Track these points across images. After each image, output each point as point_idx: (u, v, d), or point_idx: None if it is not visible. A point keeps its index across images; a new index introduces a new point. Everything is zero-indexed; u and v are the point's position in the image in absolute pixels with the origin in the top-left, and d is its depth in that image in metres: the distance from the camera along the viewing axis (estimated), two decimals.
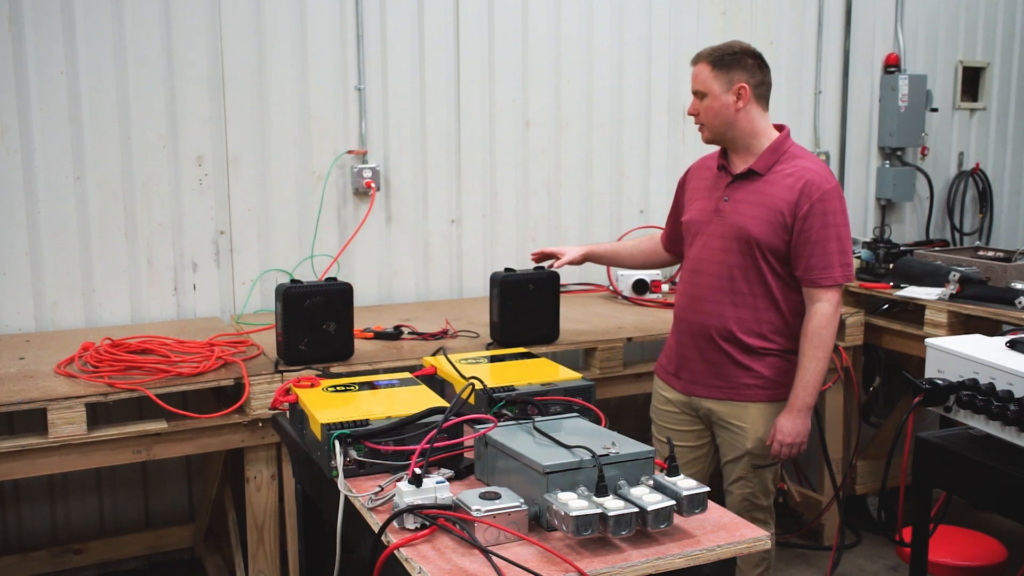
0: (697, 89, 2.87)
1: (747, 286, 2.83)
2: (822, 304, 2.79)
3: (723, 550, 1.72)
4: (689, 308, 2.95)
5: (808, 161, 2.85)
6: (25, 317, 3.54)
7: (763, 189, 2.82)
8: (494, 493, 1.74)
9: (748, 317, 2.84)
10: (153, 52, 3.62)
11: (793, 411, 2.83)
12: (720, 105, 2.82)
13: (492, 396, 2.19)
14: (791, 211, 2.76)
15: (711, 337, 2.89)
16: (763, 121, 2.87)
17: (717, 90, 2.82)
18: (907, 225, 5.50)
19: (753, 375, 2.87)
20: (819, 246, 2.75)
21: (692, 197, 3.03)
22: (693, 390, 2.96)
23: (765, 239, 2.79)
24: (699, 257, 2.92)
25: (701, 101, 2.87)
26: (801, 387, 2.82)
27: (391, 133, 4.07)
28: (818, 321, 2.79)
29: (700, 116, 2.89)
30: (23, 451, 2.68)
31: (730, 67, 2.81)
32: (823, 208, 2.75)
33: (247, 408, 2.93)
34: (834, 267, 2.77)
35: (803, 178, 2.78)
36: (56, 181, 3.53)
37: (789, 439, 2.83)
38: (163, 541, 3.83)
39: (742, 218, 2.82)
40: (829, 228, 2.76)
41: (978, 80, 5.63)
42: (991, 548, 3.31)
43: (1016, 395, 2.16)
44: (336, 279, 3.13)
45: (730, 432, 2.93)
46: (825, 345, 2.80)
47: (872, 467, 4.33)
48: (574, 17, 4.40)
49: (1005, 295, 3.61)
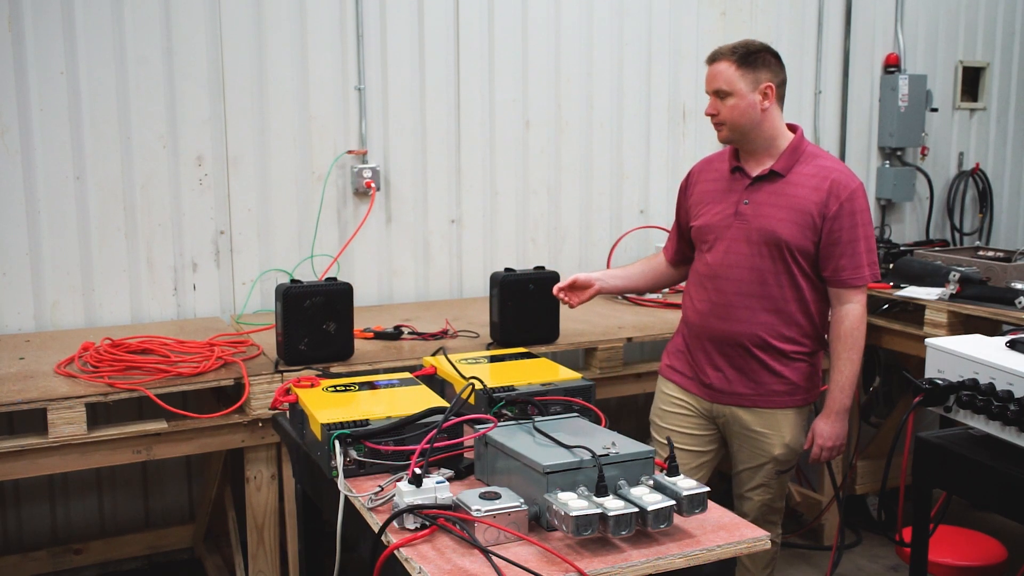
0: (720, 88, 2.75)
1: (779, 290, 2.76)
2: (853, 306, 2.77)
3: (723, 550, 1.72)
4: (713, 315, 2.84)
5: (829, 160, 2.81)
6: (25, 317, 3.54)
7: (787, 191, 2.75)
8: (494, 493, 1.74)
9: (780, 322, 2.78)
10: (153, 52, 3.63)
11: (832, 414, 2.82)
12: (747, 104, 2.73)
13: (492, 396, 2.19)
14: (820, 212, 2.71)
15: (742, 345, 2.81)
16: (781, 121, 2.82)
17: (743, 89, 2.72)
18: (907, 225, 5.50)
19: (783, 381, 2.82)
20: (849, 246, 2.72)
21: (702, 201, 2.93)
22: (718, 398, 2.88)
23: (795, 241, 2.72)
24: (722, 263, 2.82)
25: (723, 100, 2.76)
26: (838, 390, 2.80)
27: (391, 133, 4.07)
28: (851, 322, 2.76)
29: (721, 115, 2.77)
30: (23, 451, 2.68)
31: (756, 66, 2.73)
32: (852, 208, 2.71)
33: (247, 408, 2.93)
34: (863, 267, 2.74)
35: (828, 178, 2.73)
36: (56, 181, 3.53)
37: (830, 443, 2.82)
38: (163, 541, 3.83)
39: (769, 221, 2.75)
40: (858, 228, 2.72)
41: (978, 80, 5.63)
42: (991, 548, 3.31)
43: (1016, 395, 2.16)
44: (336, 279, 3.13)
45: (754, 440, 2.86)
46: (859, 346, 2.78)
47: (872, 467, 4.33)
48: (574, 17, 4.40)
49: (1005, 295, 3.61)
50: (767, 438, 2.85)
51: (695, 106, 4.67)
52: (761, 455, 2.87)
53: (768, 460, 2.87)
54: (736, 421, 2.87)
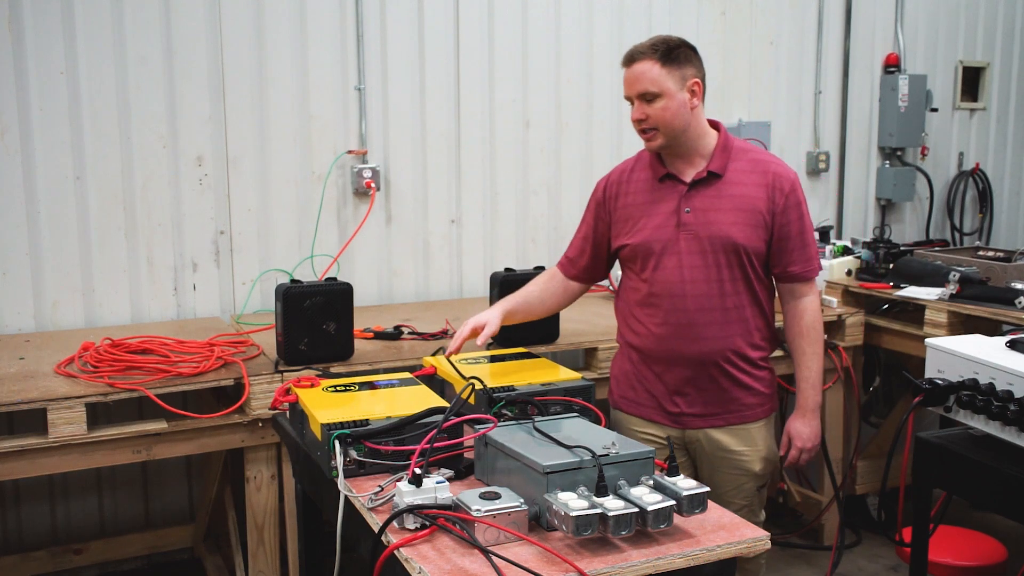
0: (647, 90, 2.53)
1: (737, 298, 2.60)
2: (810, 299, 2.68)
3: (723, 550, 1.72)
4: (676, 337, 2.60)
5: (760, 153, 2.68)
6: (25, 317, 3.54)
7: (729, 191, 2.58)
8: (494, 493, 1.74)
9: (745, 331, 2.62)
10: (153, 52, 3.62)
11: (808, 413, 2.71)
12: (678, 104, 2.52)
13: (492, 396, 2.19)
14: (768, 208, 2.57)
15: (713, 363, 2.61)
16: (704, 118, 2.64)
17: (672, 88, 2.51)
18: (907, 225, 5.51)
19: (753, 392, 2.66)
20: (799, 239, 2.62)
21: (630, 217, 2.67)
22: (688, 423, 2.66)
23: (751, 243, 2.57)
24: (678, 279, 2.59)
25: (651, 104, 2.53)
26: (809, 387, 2.69)
27: (391, 133, 4.07)
28: (811, 316, 2.67)
29: (651, 120, 2.55)
30: (23, 451, 2.68)
31: (680, 62, 2.52)
32: (796, 200, 2.61)
33: (247, 408, 2.93)
34: (813, 259, 2.66)
35: (768, 172, 2.59)
36: (56, 181, 3.53)
37: (810, 443, 2.71)
38: (163, 541, 3.82)
39: (720, 226, 2.56)
40: (804, 219, 2.63)
41: (978, 80, 5.63)
42: (991, 548, 3.31)
43: (1016, 395, 2.16)
44: (336, 279, 3.13)
45: (732, 460, 2.67)
46: (821, 339, 2.70)
47: (872, 467, 4.32)
48: (574, 17, 4.40)
49: (1005, 295, 3.61)
50: (745, 455, 2.67)
51: None
52: (740, 475, 2.68)
53: (748, 479, 2.69)
54: (711, 443, 2.67)
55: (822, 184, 5.18)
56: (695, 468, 2.75)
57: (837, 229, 5.24)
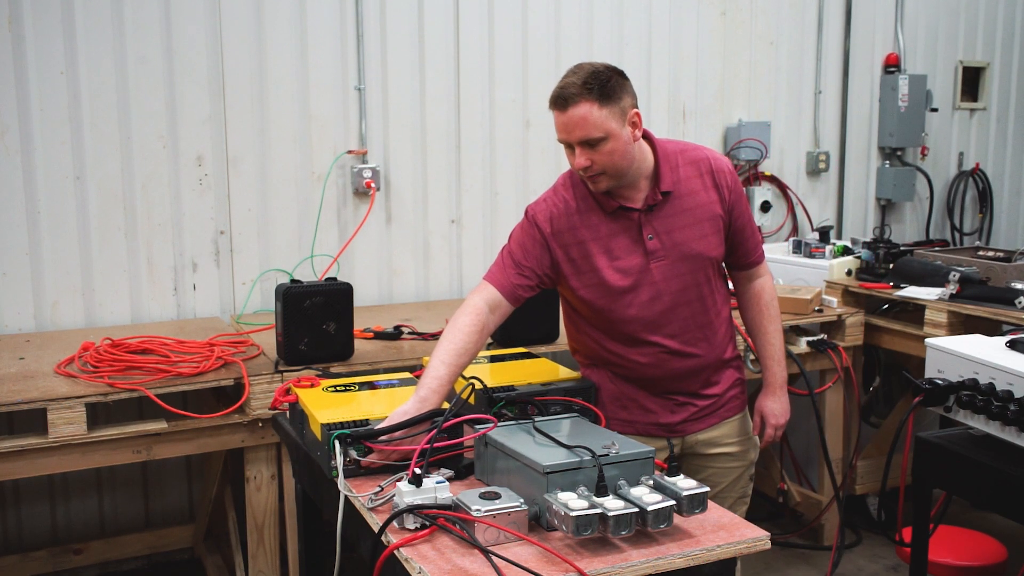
0: (590, 136, 2.28)
1: (713, 304, 2.54)
2: (765, 278, 2.68)
3: (723, 550, 1.72)
4: (672, 359, 2.50)
5: (689, 149, 2.55)
6: (25, 317, 3.54)
7: (684, 205, 2.45)
8: (494, 493, 1.74)
9: (725, 330, 2.59)
10: (153, 52, 3.62)
11: (776, 390, 2.71)
12: (624, 144, 2.32)
13: (492, 396, 2.19)
14: (723, 208, 2.50)
15: (708, 369, 2.57)
16: (642, 140, 2.44)
17: (616, 129, 2.29)
18: (907, 225, 5.51)
19: (736, 384, 2.66)
20: (748, 226, 2.60)
21: (587, 255, 2.43)
22: (687, 428, 2.59)
23: (718, 252, 2.51)
24: (661, 310, 2.45)
25: (595, 148, 2.30)
26: (776, 363, 2.69)
27: (391, 133, 4.07)
28: (769, 293, 2.68)
29: (597, 165, 2.32)
30: (23, 451, 2.68)
31: (616, 95, 2.30)
32: (737, 187, 2.55)
33: (247, 408, 2.93)
34: (759, 239, 2.66)
35: (708, 169, 2.49)
36: (56, 181, 3.53)
37: (783, 419, 2.71)
38: (163, 541, 3.82)
39: (689, 245, 2.45)
40: (745, 203, 2.60)
41: (978, 80, 5.63)
42: (991, 548, 3.31)
43: (1016, 395, 2.16)
44: (336, 279, 3.14)
45: (725, 457, 2.63)
46: (779, 315, 2.71)
47: (872, 467, 4.32)
48: (574, 17, 4.40)
49: (1005, 295, 3.61)
50: (738, 446, 2.65)
51: (695, 106, 4.66)
52: (737, 466, 2.66)
53: (747, 468, 2.68)
54: (710, 444, 2.62)
55: (822, 184, 5.18)
56: (695, 469, 2.70)
57: (837, 229, 5.24)
